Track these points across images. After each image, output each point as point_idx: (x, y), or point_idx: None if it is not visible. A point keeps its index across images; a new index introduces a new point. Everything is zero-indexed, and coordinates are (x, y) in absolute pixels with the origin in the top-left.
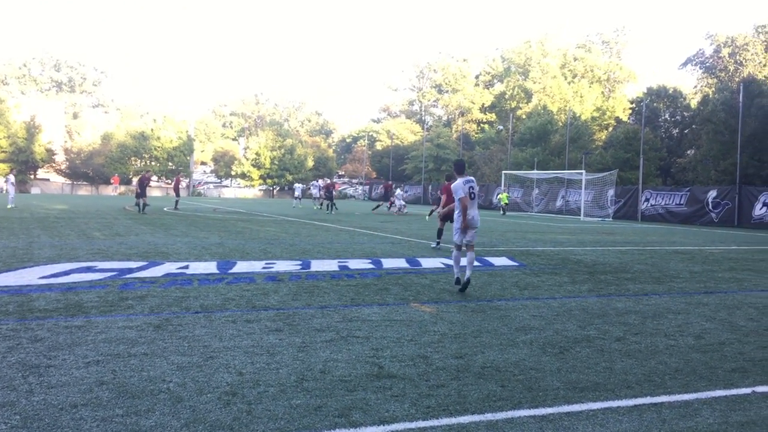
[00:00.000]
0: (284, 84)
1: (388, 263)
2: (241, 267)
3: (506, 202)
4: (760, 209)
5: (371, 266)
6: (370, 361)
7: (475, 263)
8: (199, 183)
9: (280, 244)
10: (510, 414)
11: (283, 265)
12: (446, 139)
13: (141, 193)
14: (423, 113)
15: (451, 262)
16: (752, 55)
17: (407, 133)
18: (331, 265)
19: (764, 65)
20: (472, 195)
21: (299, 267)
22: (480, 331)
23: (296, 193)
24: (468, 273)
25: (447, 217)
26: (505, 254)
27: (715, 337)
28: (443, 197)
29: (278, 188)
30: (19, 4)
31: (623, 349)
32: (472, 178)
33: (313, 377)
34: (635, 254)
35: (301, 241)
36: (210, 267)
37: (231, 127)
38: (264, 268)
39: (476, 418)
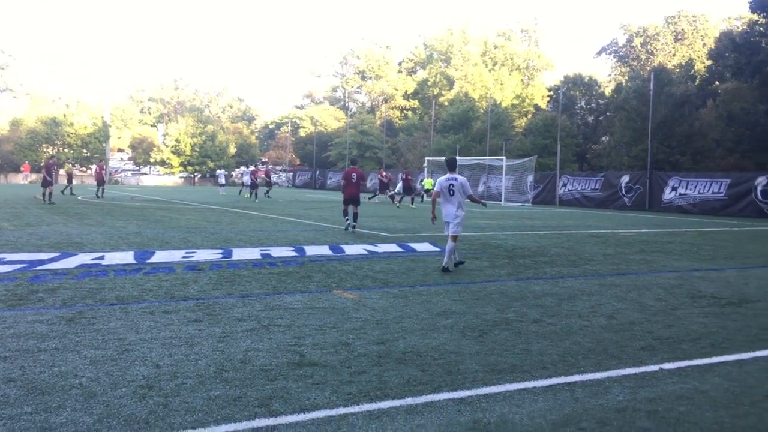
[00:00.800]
0: (205, 69)
1: (312, 250)
2: (160, 257)
3: (430, 188)
4: (669, 193)
5: (294, 254)
6: (292, 349)
7: (398, 249)
8: (117, 171)
9: (201, 233)
10: (430, 398)
11: (203, 254)
12: (370, 126)
13: (48, 181)
14: (346, 100)
15: (374, 248)
16: (662, 44)
17: (331, 119)
18: (253, 254)
19: (674, 55)
20: (451, 191)
21: (220, 256)
22: (402, 316)
23: (220, 180)
24: (446, 259)
25: (348, 202)
26: (428, 240)
27: (625, 317)
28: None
29: (199, 176)
30: None
31: (540, 331)
32: (457, 176)
33: (232, 367)
34: (553, 238)
35: (223, 229)
36: (127, 257)
37: (149, 113)
38: (184, 257)
39: (396, 403)
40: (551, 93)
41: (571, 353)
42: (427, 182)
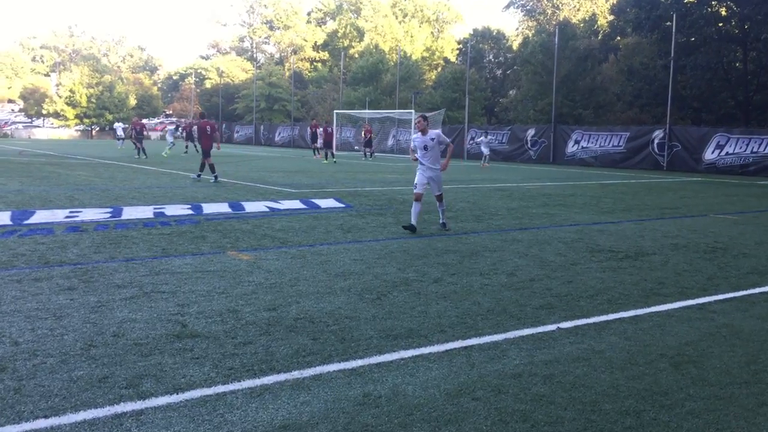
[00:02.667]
0: (102, 15)
1: (210, 208)
2: (40, 217)
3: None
4: (572, 147)
5: (190, 212)
6: (173, 319)
7: (301, 206)
8: (6, 123)
9: (91, 190)
10: (319, 370)
11: (89, 214)
12: (279, 78)
13: None
14: (254, 50)
15: (276, 205)
16: None
17: (238, 71)
18: (145, 212)
19: (578, 9)
20: (426, 147)
21: (108, 215)
22: (298, 279)
23: (118, 133)
24: (442, 217)
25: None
26: (333, 196)
27: (526, 274)
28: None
29: (98, 128)
30: None
31: (440, 291)
32: (437, 132)
33: (103, 342)
34: (459, 192)
35: (116, 186)
36: (2, 218)
37: (42, 62)
38: (67, 217)
39: (282, 377)
40: (461, 46)
41: (470, 314)
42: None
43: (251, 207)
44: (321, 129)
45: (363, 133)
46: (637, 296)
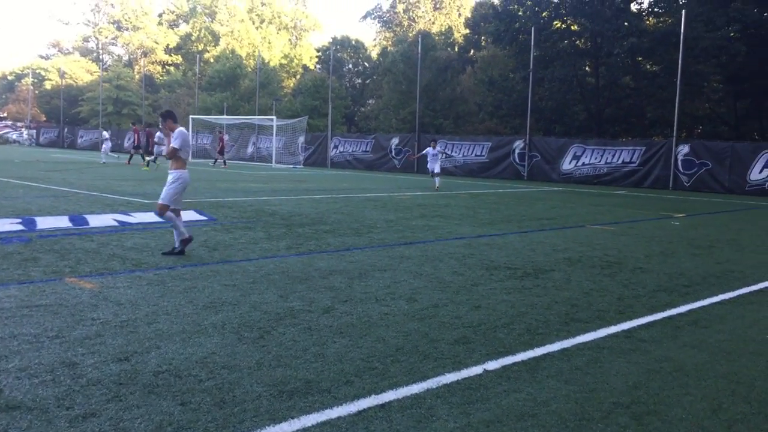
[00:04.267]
0: None
1: (45, 223)
2: None
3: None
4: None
5: (20, 227)
6: None
7: (157, 218)
8: None
9: None
10: None
11: None
12: (127, 81)
13: None
14: (101, 51)
15: (127, 218)
16: (423, 12)
17: (82, 72)
18: None
19: (433, 23)
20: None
21: None
22: (156, 313)
23: None
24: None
25: None
26: (193, 207)
27: (427, 298)
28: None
29: None
30: None
31: (334, 325)
32: (178, 130)
33: None
34: (330, 203)
35: None
36: None
37: None
38: None
39: None
40: (320, 54)
41: (376, 356)
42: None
43: (97, 221)
44: (158, 132)
45: (218, 140)
46: (555, 323)
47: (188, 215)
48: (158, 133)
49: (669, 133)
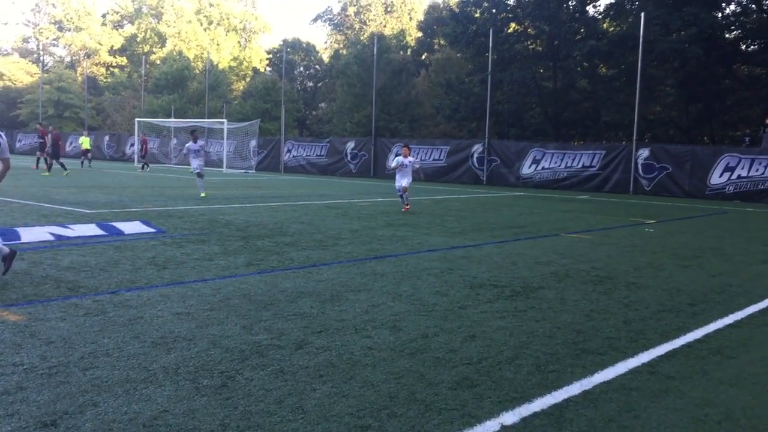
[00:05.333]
0: None
1: None
2: None
3: (89, 147)
4: (393, 161)
5: None
6: None
7: (99, 231)
8: None
9: None
10: None
11: None
12: (69, 83)
13: None
14: (41, 52)
15: (64, 231)
16: (374, 15)
17: (21, 73)
18: None
19: (384, 26)
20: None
21: None
22: (95, 354)
23: None
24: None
25: None
26: (139, 217)
27: (413, 326)
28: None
29: None
30: None
31: (311, 365)
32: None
33: None
34: (288, 211)
35: None
36: None
37: None
38: None
39: None
40: (270, 56)
41: (367, 407)
42: (84, 140)
43: (29, 235)
44: (51, 135)
45: (141, 143)
46: (564, 355)
47: (133, 227)
48: (189, 143)
49: (624, 136)
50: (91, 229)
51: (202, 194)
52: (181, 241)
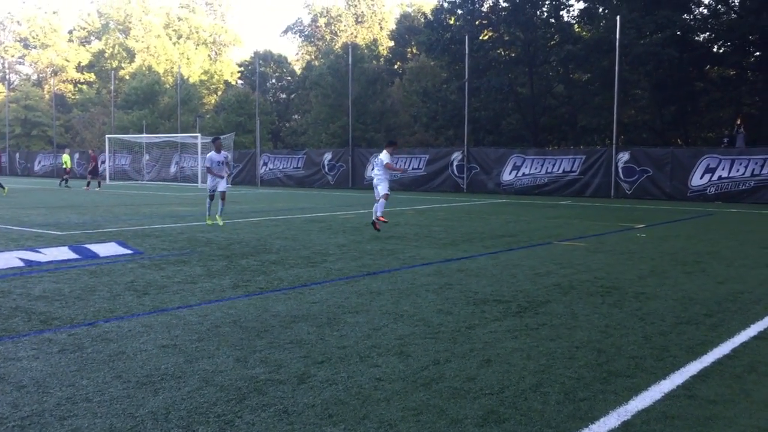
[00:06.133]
0: None
1: None
2: None
3: (69, 165)
4: (372, 171)
5: None
6: None
7: (72, 255)
8: None
9: None
10: None
11: None
12: (37, 100)
13: None
14: (7, 71)
15: (35, 256)
16: (345, 26)
17: None
18: None
19: (356, 36)
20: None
21: None
22: (73, 399)
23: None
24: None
25: None
26: (115, 238)
27: (422, 351)
28: None
29: None
30: None
31: (317, 403)
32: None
33: None
34: (271, 226)
35: None
36: None
37: None
38: None
39: None
40: (242, 69)
41: None
42: (65, 158)
43: None
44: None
45: (90, 160)
46: (591, 379)
47: (109, 249)
48: (211, 154)
49: (600, 140)
50: (63, 253)
51: (221, 222)
52: (161, 262)
